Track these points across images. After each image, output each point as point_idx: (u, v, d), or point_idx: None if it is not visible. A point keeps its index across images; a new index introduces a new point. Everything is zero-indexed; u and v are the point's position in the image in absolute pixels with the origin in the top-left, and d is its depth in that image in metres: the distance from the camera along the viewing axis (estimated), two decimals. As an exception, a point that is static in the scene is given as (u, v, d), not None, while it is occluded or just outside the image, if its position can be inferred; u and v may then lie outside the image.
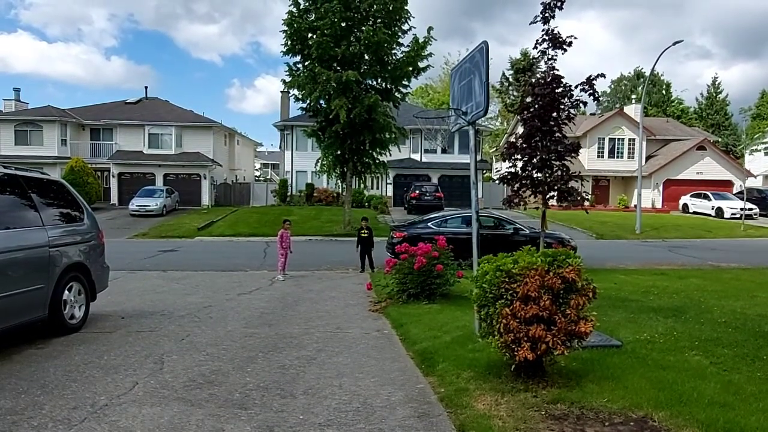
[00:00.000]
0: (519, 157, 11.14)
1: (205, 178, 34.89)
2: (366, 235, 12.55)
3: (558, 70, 10.65)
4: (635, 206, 25.91)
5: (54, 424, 3.52)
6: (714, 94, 58.07)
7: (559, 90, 10.48)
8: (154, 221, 26.52)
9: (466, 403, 3.84)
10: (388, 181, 35.34)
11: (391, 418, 3.66)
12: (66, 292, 6.12)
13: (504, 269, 4.04)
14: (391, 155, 23.47)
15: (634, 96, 47.77)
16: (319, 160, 22.43)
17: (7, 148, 33.16)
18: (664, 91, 60.34)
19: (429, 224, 13.46)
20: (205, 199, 34.68)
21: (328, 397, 4.10)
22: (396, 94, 21.29)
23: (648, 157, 36.90)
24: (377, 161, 22.08)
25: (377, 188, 35.67)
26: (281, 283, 10.64)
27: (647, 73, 45.98)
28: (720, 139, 48.68)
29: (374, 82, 21.22)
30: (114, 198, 34.12)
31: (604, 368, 4.53)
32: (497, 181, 33.63)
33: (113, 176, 34.54)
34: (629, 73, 63.88)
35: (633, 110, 38.76)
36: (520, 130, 11.64)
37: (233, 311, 7.71)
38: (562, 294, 4.01)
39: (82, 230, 6.79)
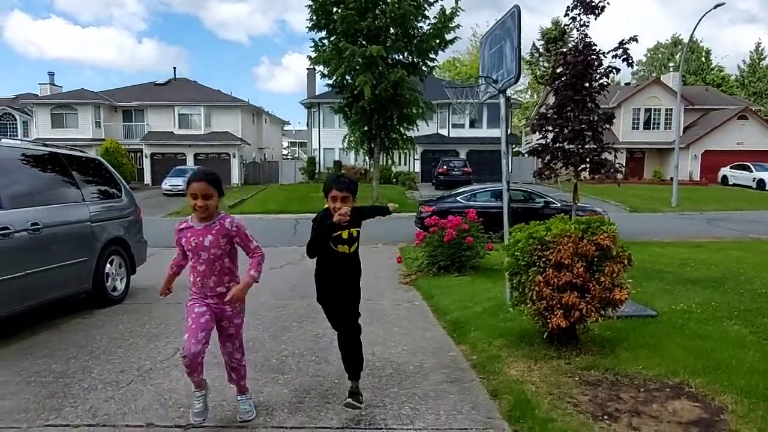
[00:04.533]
0: (550, 128, 10.87)
1: (234, 156, 35.36)
2: (344, 246, 3.34)
3: (590, 37, 10.30)
4: (671, 179, 25.16)
5: (103, 385, 3.70)
6: (757, 61, 55.30)
7: (592, 57, 10.15)
8: (186, 200, 27.12)
9: (498, 370, 3.87)
10: (416, 157, 35.18)
11: (424, 383, 3.72)
12: (108, 265, 6.36)
13: (537, 236, 4.01)
14: (418, 130, 23.31)
15: (671, 64, 46.02)
16: (347, 137, 22.43)
17: (44, 131, 34.17)
18: (703, 59, 57.81)
19: (458, 198, 13.39)
20: (235, 177, 35.20)
21: (362, 363, 4.17)
22: (422, 67, 21.01)
23: (686, 128, 35.63)
24: (405, 137, 21.96)
25: (405, 164, 35.54)
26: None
27: (686, 40, 44.14)
28: (763, 108, 46.61)
29: (400, 57, 20.96)
30: (147, 178, 34.95)
31: (638, 337, 4.48)
32: (526, 155, 33.11)
33: (146, 157, 35.32)
34: (666, 40, 61.33)
35: (670, 79, 37.36)
36: (551, 100, 11.35)
37: (265, 284, 7.83)
38: (596, 261, 3.96)
39: (121, 206, 7.01)
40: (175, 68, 42.19)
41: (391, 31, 20.16)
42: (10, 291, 4.80)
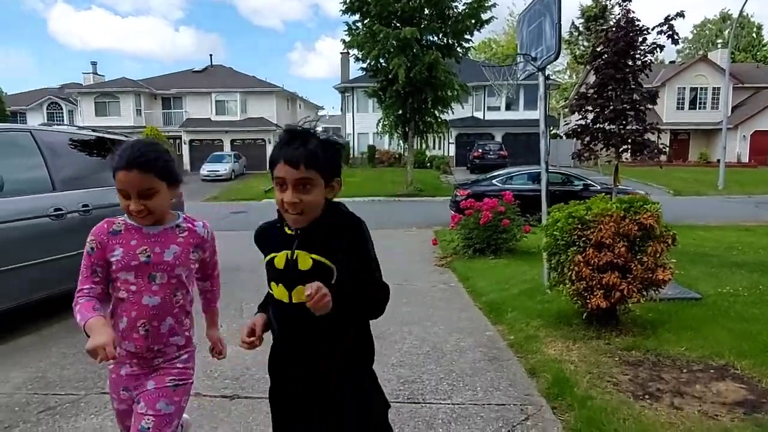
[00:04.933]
0: (590, 108, 10.60)
1: (269, 142, 35.85)
2: (280, 289, 1.64)
3: (633, 12, 9.96)
4: (718, 161, 24.21)
5: (152, 358, 3.88)
6: (814, 35, 52.25)
7: (635, 34, 9.81)
8: (224, 185, 27.71)
9: (536, 349, 3.86)
10: (450, 141, 34.87)
11: (461, 361, 3.75)
12: (153, 245, 6.60)
13: (577, 216, 3.95)
14: (453, 113, 23.04)
15: (719, 41, 43.88)
16: (381, 121, 22.40)
17: (89, 119, 35.35)
18: (754, 34, 54.93)
19: (494, 181, 13.25)
20: (271, 163, 35.69)
21: (399, 341, 4.24)
22: (458, 49, 20.71)
23: (734, 107, 34.04)
24: (439, 120, 21.78)
25: (439, 148, 35.28)
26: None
27: (735, 15, 41.95)
28: (819, 85, 44.00)
29: (435, 38, 20.70)
30: (186, 164, 35.80)
31: (682, 319, 4.38)
32: (564, 137, 32.32)
33: (185, 143, 36.18)
34: (714, 16, 58.57)
35: (718, 56, 35.65)
36: (592, 80, 11.05)
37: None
38: (638, 241, 3.88)
39: (163, 189, 7.23)
40: (211, 55, 43.23)
41: (426, 12, 19.91)
42: (65, 269, 5.05)
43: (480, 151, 29.52)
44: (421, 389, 3.27)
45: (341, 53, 36.28)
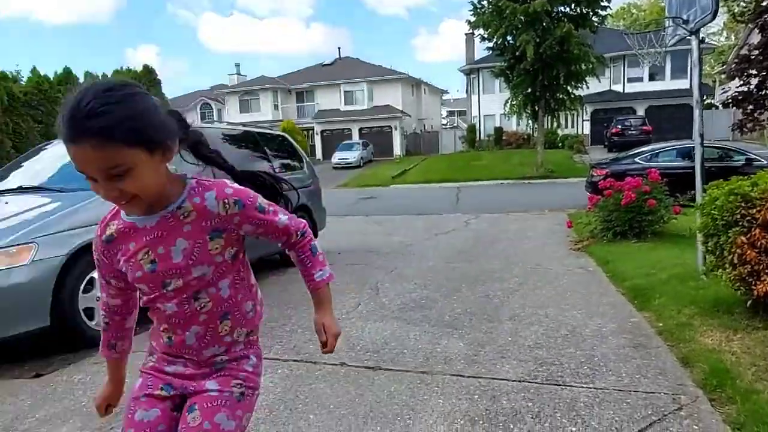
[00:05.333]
0: (754, 72, 9.32)
1: (395, 129, 36.60)
2: None
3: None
4: None
5: (302, 330, 4.26)
6: None
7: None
8: (353, 172, 28.94)
9: (689, 338, 3.56)
10: (585, 118, 32.72)
11: (603, 346, 3.59)
12: (297, 230, 7.20)
13: (739, 193, 3.53)
14: (588, 88, 21.55)
15: None
16: (508, 101, 21.72)
17: (234, 116, 38.97)
18: None
19: (636, 159, 12.25)
20: (397, 149, 36.48)
21: (534, 323, 4.17)
22: (593, 18, 19.29)
23: None
24: (572, 96, 20.54)
25: (572, 126, 33.32)
26: (476, 223, 10.83)
27: None
28: None
29: (567, 9, 19.47)
30: (318, 153, 38.01)
31: None
32: (720, 106, 28.69)
33: (317, 134, 38.36)
34: None
35: None
36: (755, 39, 9.68)
37: (433, 249, 8.16)
38: (819, 220, 3.37)
39: (303, 177, 7.80)
40: (339, 48, 45.33)
41: (556, -19, 18.82)
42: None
43: (619, 127, 27.29)
44: (560, 372, 3.20)
45: (466, 34, 35.70)
